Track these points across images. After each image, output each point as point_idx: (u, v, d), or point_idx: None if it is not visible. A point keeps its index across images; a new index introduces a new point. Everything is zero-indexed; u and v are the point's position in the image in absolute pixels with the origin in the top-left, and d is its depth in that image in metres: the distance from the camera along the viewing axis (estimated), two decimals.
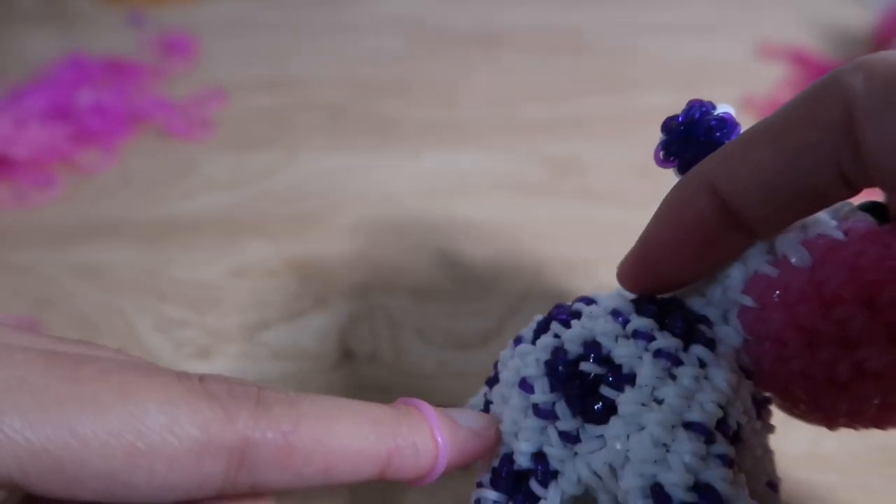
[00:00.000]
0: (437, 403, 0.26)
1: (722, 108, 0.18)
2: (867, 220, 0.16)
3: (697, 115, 0.18)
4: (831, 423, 0.17)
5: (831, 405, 0.16)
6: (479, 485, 0.18)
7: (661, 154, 0.18)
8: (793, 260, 0.16)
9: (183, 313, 0.31)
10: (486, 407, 0.19)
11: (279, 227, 0.35)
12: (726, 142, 0.17)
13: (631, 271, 0.18)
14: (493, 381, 0.20)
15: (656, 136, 0.21)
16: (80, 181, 0.39)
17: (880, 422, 0.16)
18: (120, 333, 0.30)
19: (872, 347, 0.14)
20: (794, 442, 0.25)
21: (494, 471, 0.18)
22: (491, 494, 0.18)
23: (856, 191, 0.15)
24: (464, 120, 0.44)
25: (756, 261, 0.17)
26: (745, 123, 0.17)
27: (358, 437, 0.17)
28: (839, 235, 0.16)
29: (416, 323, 0.30)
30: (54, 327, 0.30)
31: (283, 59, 0.52)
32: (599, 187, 0.38)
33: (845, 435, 0.25)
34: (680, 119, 0.18)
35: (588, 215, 0.36)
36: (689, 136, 0.18)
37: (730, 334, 0.17)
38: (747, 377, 0.17)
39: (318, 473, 0.16)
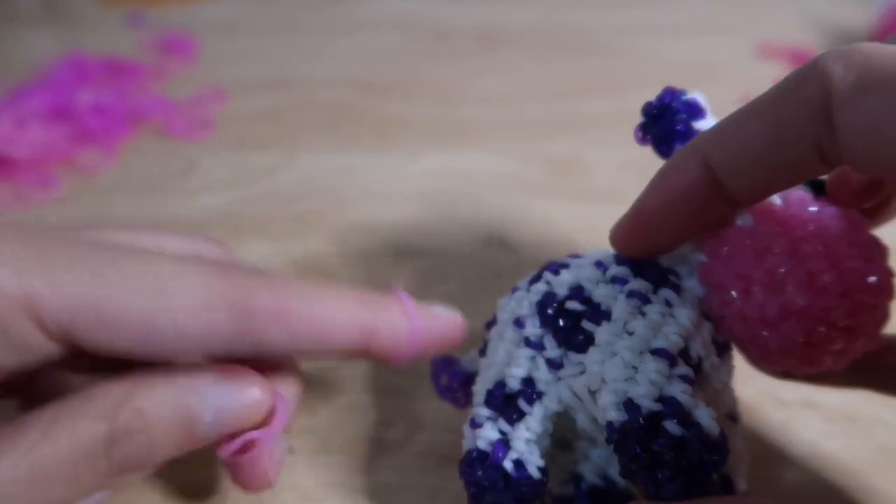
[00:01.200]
0: (437, 404, 0.26)
1: (690, 95, 0.21)
2: (803, 190, 0.19)
3: (668, 100, 0.21)
4: (768, 364, 0.19)
5: (764, 344, 0.18)
6: (473, 407, 0.21)
7: (640, 133, 0.21)
8: (738, 222, 0.19)
9: None
10: (484, 347, 0.22)
11: (279, 227, 0.35)
12: (692, 123, 0.20)
13: (623, 234, 0.20)
14: (491, 324, 0.22)
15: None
16: (80, 181, 0.39)
17: (807, 361, 0.18)
18: None
19: (795, 290, 0.17)
20: (795, 443, 0.25)
21: (488, 392, 0.20)
22: (484, 411, 0.20)
23: (831, 167, 0.16)
24: (464, 120, 0.44)
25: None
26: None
27: (343, 306, 0.20)
28: (778, 202, 0.19)
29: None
30: None
31: (283, 59, 0.52)
32: (599, 187, 0.38)
33: (846, 436, 0.25)
34: (654, 103, 0.21)
35: (588, 215, 0.36)
36: (660, 118, 0.21)
37: (694, 285, 0.20)
38: (709, 321, 0.20)
39: (310, 333, 0.19)
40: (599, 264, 0.21)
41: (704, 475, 0.17)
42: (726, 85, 0.46)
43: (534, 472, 0.19)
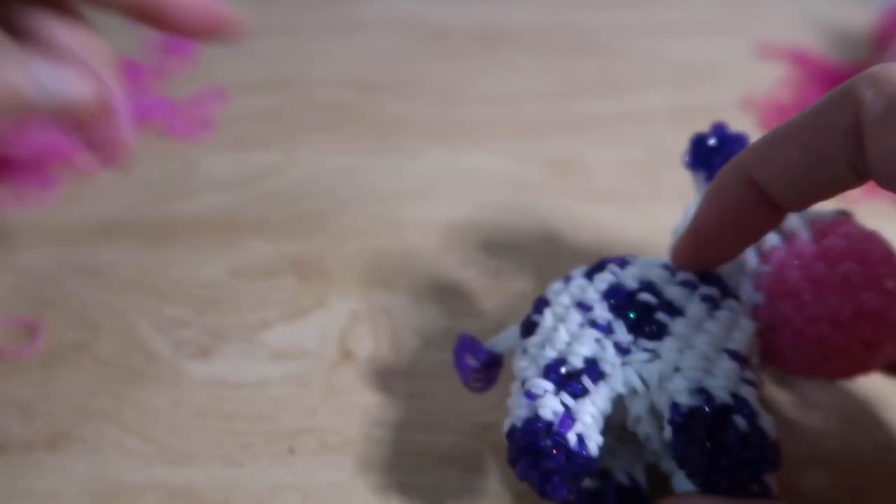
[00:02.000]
0: (437, 404, 0.26)
1: (737, 132, 0.24)
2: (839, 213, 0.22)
3: (721, 136, 0.24)
4: (817, 366, 0.21)
5: (830, 345, 0.20)
6: (523, 384, 0.21)
7: (691, 163, 0.24)
8: (802, 236, 0.21)
9: (183, 313, 0.31)
10: (531, 327, 0.22)
11: (279, 227, 0.35)
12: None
13: (684, 250, 0.22)
14: (541, 305, 0.22)
15: (656, 136, 0.22)
16: (80, 181, 0.39)
17: (861, 361, 0.21)
18: (120, 333, 0.30)
19: (868, 293, 0.20)
20: (795, 443, 0.25)
21: (547, 367, 0.20)
22: (543, 383, 0.20)
23: (866, 180, 0.18)
24: (464, 120, 0.44)
25: (762, 243, 0.22)
26: (746, 123, 0.18)
27: None
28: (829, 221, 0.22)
29: (416, 323, 0.30)
30: (54, 327, 0.30)
31: (283, 59, 0.52)
32: (599, 187, 0.38)
33: (846, 436, 0.25)
34: (710, 140, 0.24)
35: (588, 215, 0.36)
36: (716, 153, 0.24)
37: (750, 296, 0.21)
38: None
39: None
40: (666, 267, 0.22)
41: (757, 474, 0.18)
42: (726, 85, 0.46)
43: (593, 450, 0.19)
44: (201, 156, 0.41)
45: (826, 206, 0.22)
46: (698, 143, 0.24)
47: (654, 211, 0.34)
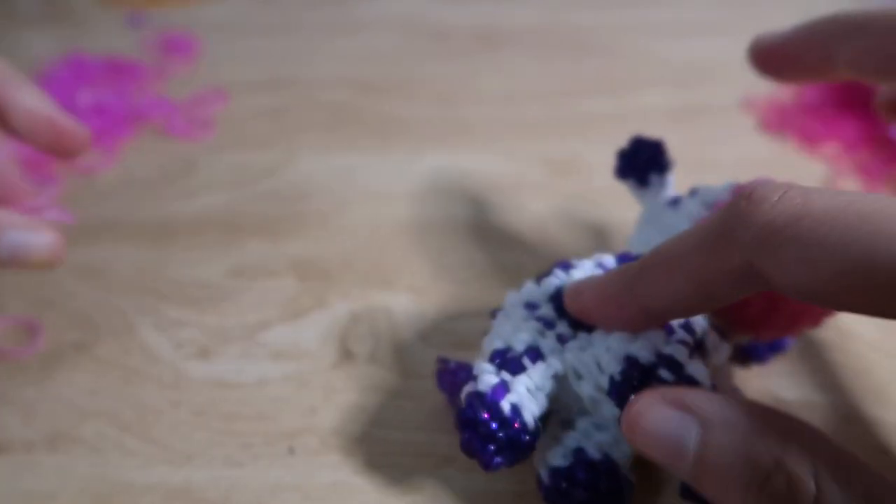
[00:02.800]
0: (437, 404, 0.26)
1: (653, 139, 0.27)
2: None
3: (638, 145, 0.27)
4: (768, 323, 0.22)
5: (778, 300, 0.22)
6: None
7: (618, 175, 0.28)
8: (724, 199, 0.23)
9: (183, 313, 0.31)
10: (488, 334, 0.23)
11: (279, 227, 0.35)
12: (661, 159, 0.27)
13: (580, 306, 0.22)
14: (496, 312, 0.24)
15: (656, 136, 0.22)
16: (80, 181, 0.39)
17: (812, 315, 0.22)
18: (120, 333, 0.30)
19: None
20: None
21: (492, 353, 0.22)
22: (486, 366, 0.21)
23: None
24: (464, 120, 0.44)
25: (688, 219, 0.24)
26: (746, 123, 0.17)
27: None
28: None
29: (416, 323, 0.30)
30: (54, 327, 0.30)
31: (283, 59, 0.52)
32: (599, 187, 0.37)
33: (846, 436, 0.25)
34: (626, 148, 0.28)
35: (588, 215, 0.36)
36: (633, 158, 0.28)
37: None
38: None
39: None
40: (602, 266, 0.23)
41: None
42: (726, 85, 0.46)
43: (529, 421, 0.20)
44: (201, 156, 0.41)
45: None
46: (619, 156, 0.27)
47: None
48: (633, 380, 0.20)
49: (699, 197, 0.25)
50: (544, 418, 0.21)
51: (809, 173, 0.38)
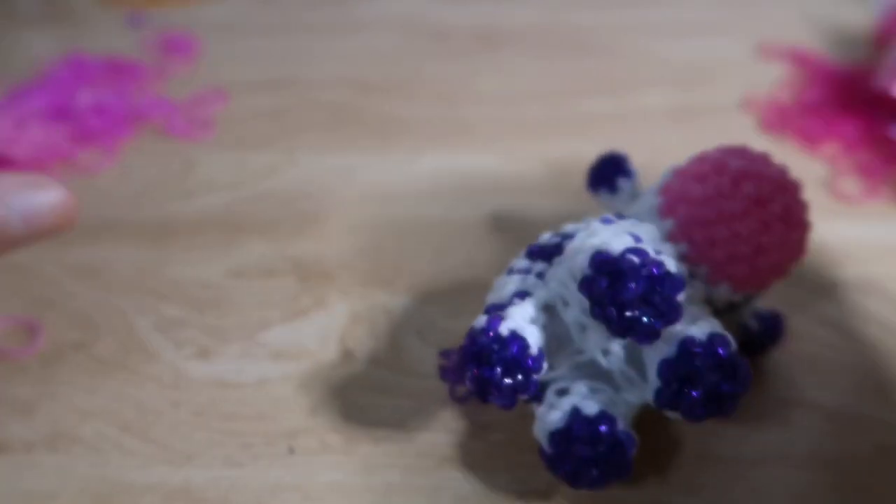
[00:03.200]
0: (437, 404, 0.26)
1: (616, 153, 0.29)
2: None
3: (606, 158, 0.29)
4: (756, 257, 0.23)
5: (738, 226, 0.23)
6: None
7: (591, 190, 0.29)
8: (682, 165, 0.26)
9: (183, 313, 0.31)
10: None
11: (279, 227, 0.35)
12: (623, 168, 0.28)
13: None
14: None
15: (656, 136, 0.22)
16: (80, 181, 0.39)
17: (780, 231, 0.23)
18: (120, 333, 0.30)
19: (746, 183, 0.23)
20: (796, 443, 0.25)
21: (485, 309, 0.23)
22: (481, 317, 0.22)
23: None
24: (464, 120, 0.44)
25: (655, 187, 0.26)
26: (746, 123, 0.17)
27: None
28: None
29: (416, 323, 0.30)
30: (54, 327, 0.30)
31: (283, 59, 0.52)
32: None
33: (846, 436, 0.25)
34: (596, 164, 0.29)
35: (588, 215, 0.36)
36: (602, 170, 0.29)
37: (660, 226, 0.24)
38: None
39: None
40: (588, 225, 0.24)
41: (671, 300, 0.19)
42: (726, 85, 0.46)
43: (530, 344, 0.21)
44: (201, 156, 0.41)
45: None
46: (590, 171, 0.29)
47: None
48: (604, 270, 0.20)
49: (652, 187, 0.26)
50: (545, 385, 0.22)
51: (809, 173, 0.38)
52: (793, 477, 0.24)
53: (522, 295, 0.23)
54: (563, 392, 0.22)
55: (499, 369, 0.20)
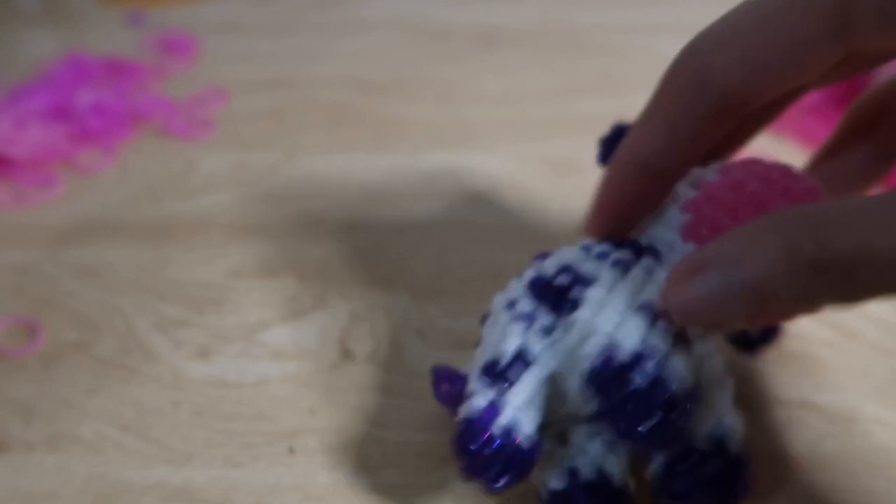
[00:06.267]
0: (437, 404, 0.26)
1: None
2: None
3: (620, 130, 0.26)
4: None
5: None
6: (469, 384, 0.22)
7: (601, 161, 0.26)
8: (710, 177, 0.22)
9: (183, 313, 0.31)
10: (480, 342, 0.23)
11: (279, 227, 0.35)
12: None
13: (591, 220, 0.24)
14: (485, 318, 0.23)
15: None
16: (80, 181, 0.39)
17: None
18: (120, 333, 0.30)
19: (777, 202, 0.21)
20: (795, 442, 0.25)
21: (481, 369, 0.21)
22: (476, 385, 0.21)
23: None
24: (464, 120, 0.44)
25: (677, 203, 0.22)
26: None
27: None
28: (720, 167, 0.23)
29: (416, 323, 0.30)
30: (54, 327, 0.30)
31: (283, 59, 0.52)
32: None
33: (846, 436, 0.25)
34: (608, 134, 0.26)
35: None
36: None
37: (675, 255, 0.21)
38: None
39: None
40: (584, 247, 0.23)
41: (683, 414, 0.19)
42: None
43: (524, 436, 0.20)
44: (201, 156, 0.41)
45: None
46: (602, 142, 0.26)
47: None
48: (614, 372, 0.19)
49: (687, 178, 0.24)
50: (544, 427, 0.21)
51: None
52: (792, 476, 0.24)
53: (522, 361, 0.21)
54: (561, 438, 0.22)
55: (491, 471, 0.20)
